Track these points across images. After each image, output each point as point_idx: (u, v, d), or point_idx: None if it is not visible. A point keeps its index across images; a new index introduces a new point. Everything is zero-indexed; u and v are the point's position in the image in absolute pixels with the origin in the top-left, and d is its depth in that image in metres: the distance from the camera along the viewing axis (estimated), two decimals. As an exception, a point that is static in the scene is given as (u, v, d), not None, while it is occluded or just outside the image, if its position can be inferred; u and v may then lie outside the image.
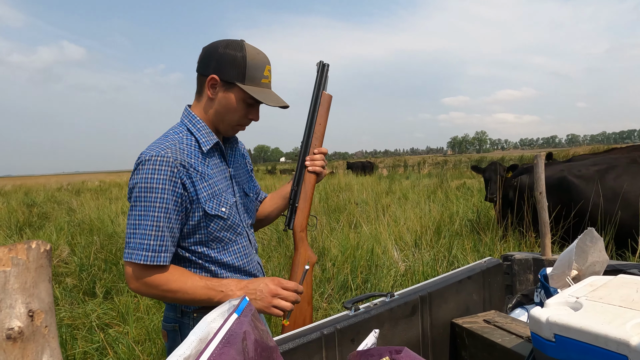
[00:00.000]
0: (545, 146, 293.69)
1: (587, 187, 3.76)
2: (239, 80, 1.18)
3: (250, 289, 1.17)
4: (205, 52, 1.22)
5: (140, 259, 1.09)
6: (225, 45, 1.19)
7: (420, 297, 1.24)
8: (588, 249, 1.24)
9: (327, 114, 1.42)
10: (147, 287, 1.12)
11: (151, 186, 1.10)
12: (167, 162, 1.11)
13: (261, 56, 1.22)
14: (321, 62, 1.41)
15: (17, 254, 0.32)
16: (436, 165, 29.86)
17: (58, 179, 34.46)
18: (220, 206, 1.21)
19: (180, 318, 1.23)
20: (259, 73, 1.21)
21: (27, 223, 8.21)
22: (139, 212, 1.10)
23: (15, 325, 0.31)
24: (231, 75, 1.18)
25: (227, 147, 1.35)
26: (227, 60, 1.18)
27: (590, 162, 4.10)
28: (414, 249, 4.43)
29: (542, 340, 0.90)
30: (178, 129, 1.23)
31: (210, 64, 1.20)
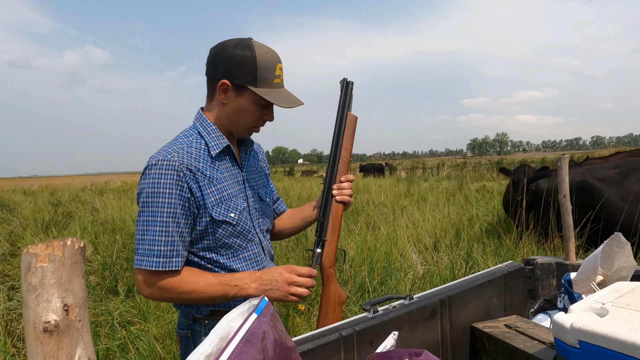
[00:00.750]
0: (569, 148, 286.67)
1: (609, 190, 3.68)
2: (250, 84, 1.14)
3: (265, 280, 1.15)
4: (213, 55, 1.18)
5: (152, 266, 1.08)
6: (233, 46, 1.14)
7: (440, 301, 1.23)
8: (614, 254, 1.21)
9: (353, 137, 1.35)
10: (161, 292, 1.11)
11: (158, 191, 1.08)
12: (173, 166, 1.09)
13: (271, 55, 1.17)
14: (345, 80, 1.34)
15: (53, 250, 0.33)
16: (455, 168, 29.48)
17: (82, 180, 35.37)
18: (228, 212, 1.17)
19: (192, 325, 1.22)
20: (271, 73, 1.16)
21: (52, 222, 8.45)
22: (147, 218, 1.09)
23: (51, 318, 0.33)
24: (242, 78, 1.14)
25: (241, 150, 1.31)
26: (237, 62, 1.13)
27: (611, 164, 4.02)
28: (432, 252, 4.38)
29: (566, 346, 0.89)
30: (189, 132, 1.21)
31: (219, 67, 1.16)
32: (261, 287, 1.15)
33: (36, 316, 0.32)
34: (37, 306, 0.32)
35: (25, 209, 10.60)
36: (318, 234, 1.31)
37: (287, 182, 15.81)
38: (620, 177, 3.73)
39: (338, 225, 1.32)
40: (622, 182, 3.69)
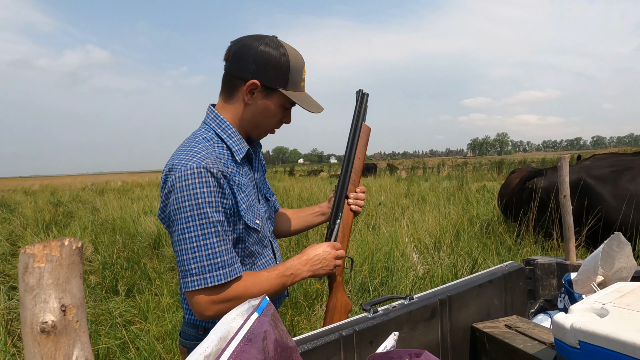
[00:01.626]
0: (570, 148, 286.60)
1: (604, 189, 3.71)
2: (281, 86, 1.09)
3: (315, 260, 1.18)
4: (240, 51, 1.09)
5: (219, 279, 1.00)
6: (264, 44, 1.08)
7: (440, 301, 1.23)
8: (615, 254, 1.20)
9: (366, 148, 1.36)
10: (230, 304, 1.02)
11: (203, 201, 0.99)
12: (212, 173, 1.01)
13: (300, 57, 1.13)
14: (361, 91, 1.33)
15: (51, 250, 0.33)
16: (456, 167, 29.47)
17: (83, 179, 35.38)
18: (255, 218, 1.14)
19: (202, 335, 1.15)
20: (299, 77, 1.13)
21: (53, 221, 8.46)
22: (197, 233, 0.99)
23: (49, 319, 0.33)
24: (274, 80, 1.09)
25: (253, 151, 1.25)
26: (270, 63, 1.07)
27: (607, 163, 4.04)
28: (433, 252, 4.38)
29: (566, 347, 0.88)
30: (207, 134, 1.12)
31: (248, 66, 1.08)
32: (312, 267, 1.18)
33: (33, 317, 0.32)
34: (34, 307, 0.32)
35: (26, 208, 10.61)
36: (328, 241, 1.31)
37: (287, 182, 15.81)
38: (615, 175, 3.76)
39: (348, 233, 1.32)
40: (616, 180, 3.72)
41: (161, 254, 5.41)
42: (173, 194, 1.00)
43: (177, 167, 1.00)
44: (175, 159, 1.03)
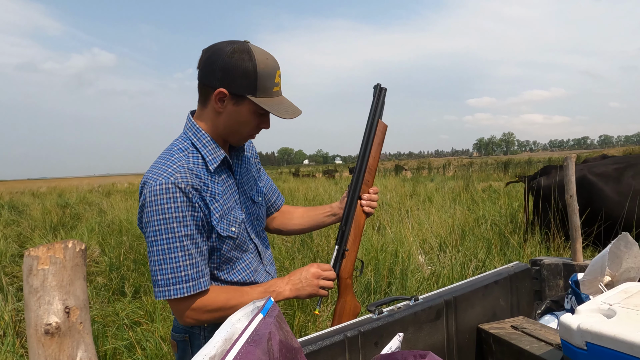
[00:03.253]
0: (576, 147, 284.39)
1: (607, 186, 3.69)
2: (250, 93, 1.08)
3: (296, 280, 1.19)
4: (208, 59, 1.09)
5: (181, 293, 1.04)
6: (231, 50, 1.06)
7: (445, 302, 1.22)
8: (622, 254, 1.19)
9: (381, 147, 1.31)
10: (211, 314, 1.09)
11: (170, 216, 1.02)
12: (180, 189, 1.03)
13: (270, 61, 1.10)
14: (378, 86, 1.29)
15: (54, 253, 0.33)
16: (462, 168, 29.34)
17: (90, 181, 35.66)
18: (230, 226, 1.14)
19: (190, 329, 1.19)
20: (271, 82, 1.10)
21: (60, 223, 8.53)
22: (164, 247, 1.03)
23: (52, 321, 0.33)
24: (241, 87, 1.07)
25: (233, 156, 1.25)
26: (236, 70, 1.06)
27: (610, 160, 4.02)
28: (439, 253, 4.36)
29: (573, 348, 0.88)
30: (182, 144, 1.14)
31: (215, 74, 1.07)
32: (294, 287, 1.18)
33: (37, 318, 0.33)
34: (38, 308, 0.33)
35: (34, 210, 10.70)
36: (339, 242, 1.30)
37: (292, 182, 15.83)
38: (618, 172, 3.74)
39: (359, 235, 1.31)
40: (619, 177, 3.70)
41: (167, 256, 5.42)
42: (145, 207, 1.04)
43: (149, 182, 1.04)
44: (149, 173, 1.07)
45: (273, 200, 1.44)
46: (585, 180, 3.78)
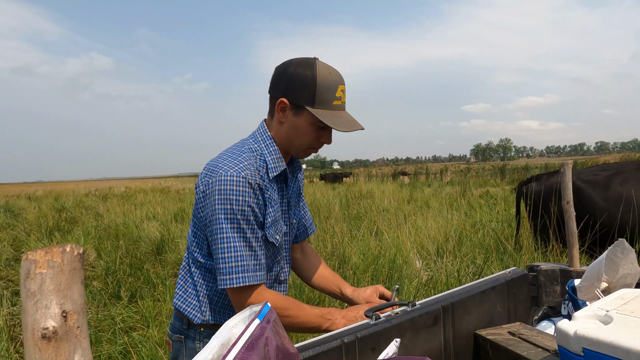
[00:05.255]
0: (573, 154, 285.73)
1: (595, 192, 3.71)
2: (308, 104, 1.12)
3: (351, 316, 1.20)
4: (276, 72, 1.17)
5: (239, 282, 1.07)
6: (296, 65, 1.13)
7: (443, 307, 1.22)
8: (619, 261, 1.20)
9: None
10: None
11: (237, 208, 1.07)
12: (250, 184, 1.08)
13: (333, 76, 1.14)
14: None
15: (52, 256, 0.33)
16: (459, 173, 29.41)
17: (86, 185, 35.54)
18: (276, 234, 1.19)
19: (185, 330, 1.22)
20: (331, 94, 1.13)
21: (56, 227, 8.49)
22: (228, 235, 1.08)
23: (50, 325, 0.33)
24: (300, 98, 1.12)
25: (290, 171, 1.29)
26: (297, 81, 1.11)
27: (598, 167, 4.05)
28: (436, 258, 4.36)
29: (570, 354, 0.88)
30: (254, 146, 1.19)
31: (279, 85, 1.14)
32: (348, 322, 1.19)
33: (35, 322, 0.32)
34: (35, 312, 0.32)
35: (30, 214, 10.65)
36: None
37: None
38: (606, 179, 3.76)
39: None
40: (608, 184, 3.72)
41: (164, 260, 5.41)
42: (210, 196, 1.08)
43: (218, 172, 1.09)
44: (219, 163, 1.11)
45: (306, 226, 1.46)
46: (574, 186, 3.80)
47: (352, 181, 20.77)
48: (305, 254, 1.49)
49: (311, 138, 1.17)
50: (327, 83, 1.12)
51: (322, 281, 1.45)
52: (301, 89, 1.11)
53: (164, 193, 18.54)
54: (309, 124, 1.14)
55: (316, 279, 1.46)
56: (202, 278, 1.20)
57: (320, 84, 1.11)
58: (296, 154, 1.23)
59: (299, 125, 1.15)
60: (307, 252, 1.49)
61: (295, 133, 1.16)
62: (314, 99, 1.11)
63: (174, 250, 5.58)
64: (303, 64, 1.12)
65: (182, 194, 16.99)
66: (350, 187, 13.60)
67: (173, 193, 18.30)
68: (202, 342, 1.20)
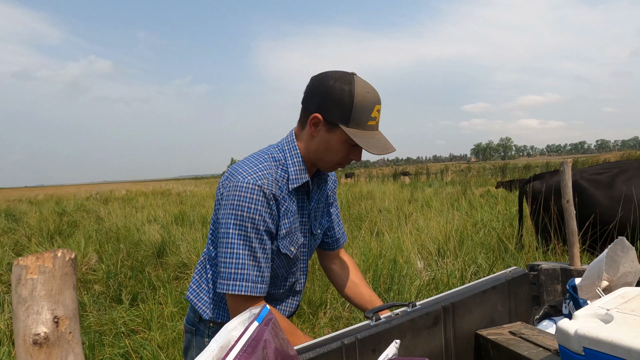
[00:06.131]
0: (574, 152, 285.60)
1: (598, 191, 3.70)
2: (343, 122, 1.09)
3: None
4: (312, 84, 1.14)
5: (238, 290, 1.07)
6: (334, 79, 1.10)
7: (443, 307, 1.22)
8: (619, 259, 1.19)
9: None
10: None
11: (248, 216, 1.07)
12: (264, 193, 1.08)
13: (371, 95, 1.11)
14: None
15: (44, 262, 0.33)
16: (460, 173, 29.39)
17: (87, 188, 35.58)
18: (290, 245, 1.18)
19: (197, 323, 1.24)
20: (367, 115, 1.10)
21: (57, 231, 8.49)
22: (234, 241, 1.08)
23: (41, 331, 0.32)
24: (335, 116, 1.09)
25: (315, 182, 1.27)
26: (333, 98, 1.08)
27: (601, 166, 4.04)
28: (437, 258, 4.36)
29: (571, 353, 0.87)
30: (277, 154, 1.18)
31: (314, 99, 1.12)
32: None
33: (26, 328, 0.32)
34: (27, 318, 0.32)
35: (31, 218, 10.66)
36: None
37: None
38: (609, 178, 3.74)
39: None
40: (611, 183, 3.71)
41: (165, 263, 5.41)
42: (225, 199, 1.10)
43: (237, 177, 1.09)
44: (239, 168, 1.12)
45: (337, 237, 1.44)
46: (577, 185, 3.79)
47: (353, 182, 20.77)
48: (344, 267, 1.46)
49: (342, 155, 1.16)
50: (364, 103, 1.09)
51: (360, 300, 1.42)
52: (337, 107, 1.09)
53: (164, 196, 18.56)
54: (342, 142, 1.12)
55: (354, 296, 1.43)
56: (216, 275, 1.21)
57: (357, 103, 1.08)
58: (323, 168, 1.21)
59: (331, 142, 1.13)
60: (346, 265, 1.47)
61: (326, 149, 1.15)
62: (349, 118, 1.09)
63: (175, 253, 5.58)
64: (341, 80, 1.10)
65: (183, 197, 17.00)
66: (351, 188, 13.60)
67: (174, 196, 18.32)
68: (210, 338, 1.22)
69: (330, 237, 1.43)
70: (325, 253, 1.46)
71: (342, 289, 1.44)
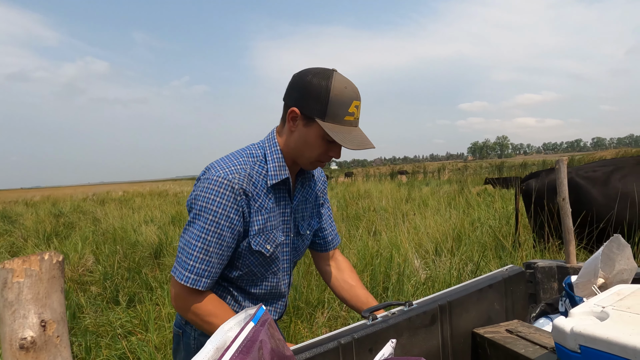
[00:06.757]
0: (570, 150, 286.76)
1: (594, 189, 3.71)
2: (319, 116, 1.09)
3: None
4: (292, 80, 1.15)
5: (180, 278, 1.08)
6: (312, 75, 1.10)
7: (440, 306, 1.22)
8: (615, 257, 1.20)
9: None
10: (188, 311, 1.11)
11: (211, 208, 1.07)
12: (232, 188, 1.08)
13: (349, 91, 1.11)
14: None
15: (30, 265, 0.32)
16: (457, 172, 29.45)
17: (84, 190, 35.45)
18: (266, 243, 1.17)
19: (184, 325, 1.24)
20: (343, 110, 1.09)
21: (54, 232, 8.45)
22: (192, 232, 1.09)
23: (28, 335, 0.32)
24: (312, 110, 1.09)
25: (298, 181, 1.26)
26: (310, 93, 1.09)
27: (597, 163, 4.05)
28: (434, 257, 4.36)
29: (567, 351, 0.87)
30: (256, 151, 1.18)
31: (293, 93, 1.12)
32: None
33: (12, 333, 0.32)
34: (13, 322, 0.32)
35: (27, 220, 10.61)
36: None
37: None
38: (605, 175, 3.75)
39: None
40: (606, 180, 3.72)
41: (162, 264, 5.39)
42: (194, 191, 1.12)
43: (210, 171, 1.11)
44: (215, 163, 1.13)
45: (328, 238, 1.43)
46: (572, 183, 3.80)
47: (351, 181, 20.78)
48: (340, 269, 1.45)
49: (320, 151, 1.15)
50: (341, 97, 1.09)
51: (356, 302, 1.41)
52: (314, 101, 1.09)
53: (161, 197, 18.51)
54: (318, 137, 1.12)
55: (350, 297, 1.42)
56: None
57: (334, 97, 1.08)
58: (304, 165, 1.20)
59: (308, 137, 1.13)
60: (341, 267, 1.45)
61: (304, 144, 1.14)
62: (326, 112, 1.09)
63: (172, 254, 5.57)
64: (319, 75, 1.10)
65: (180, 197, 16.95)
66: (349, 187, 13.60)
67: (171, 196, 18.28)
68: (196, 340, 1.21)
69: (321, 238, 1.41)
70: (318, 254, 1.45)
71: (338, 290, 1.43)
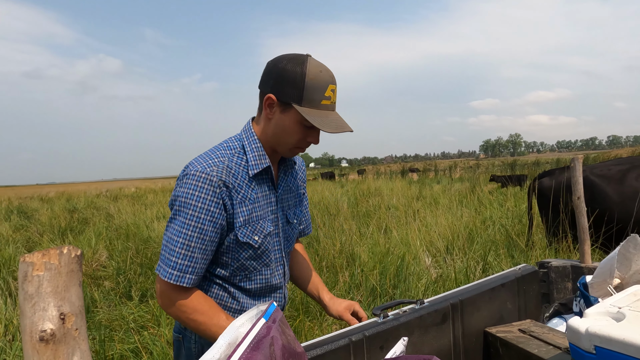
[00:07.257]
0: (585, 148, 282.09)
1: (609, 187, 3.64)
2: (295, 101, 1.08)
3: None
4: (266, 67, 1.14)
5: (164, 275, 1.07)
6: (287, 61, 1.10)
7: (452, 305, 1.21)
8: (632, 257, 1.17)
9: None
10: (173, 308, 1.09)
11: (190, 203, 1.06)
12: (211, 181, 1.06)
13: (324, 75, 1.10)
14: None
15: (49, 259, 0.33)
16: (468, 169, 29.17)
17: (97, 186, 35.97)
18: (253, 234, 1.15)
19: (183, 330, 1.21)
20: (319, 94, 1.09)
21: (68, 228, 8.59)
22: (174, 227, 1.08)
23: (47, 327, 0.33)
24: (288, 95, 1.08)
25: (281, 169, 1.26)
26: (286, 78, 1.08)
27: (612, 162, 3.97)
28: (445, 255, 4.33)
29: (582, 352, 0.86)
30: (233, 143, 1.17)
31: (268, 80, 1.11)
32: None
33: (32, 325, 0.32)
34: (33, 315, 0.32)
35: (42, 215, 10.80)
36: None
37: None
38: (621, 174, 3.68)
39: None
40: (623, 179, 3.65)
41: (174, 259, 5.43)
42: (175, 187, 1.11)
43: (189, 167, 1.10)
44: (194, 159, 1.12)
45: (302, 227, 1.43)
46: (587, 181, 3.74)
47: (362, 179, 20.74)
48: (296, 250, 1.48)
49: (298, 137, 1.14)
50: (316, 81, 1.09)
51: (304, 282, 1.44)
52: (289, 86, 1.08)
53: (173, 193, 18.61)
54: (296, 123, 1.11)
55: (299, 277, 1.45)
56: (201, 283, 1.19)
57: (309, 82, 1.08)
58: (283, 152, 1.19)
59: (286, 123, 1.12)
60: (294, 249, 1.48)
61: (282, 131, 1.13)
62: (302, 97, 1.08)
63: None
64: (294, 60, 1.09)
65: (192, 194, 17.02)
66: (359, 185, 13.57)
67: (182, 193, 18.36)
68: (196, 344, 1.18)
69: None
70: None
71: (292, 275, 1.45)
